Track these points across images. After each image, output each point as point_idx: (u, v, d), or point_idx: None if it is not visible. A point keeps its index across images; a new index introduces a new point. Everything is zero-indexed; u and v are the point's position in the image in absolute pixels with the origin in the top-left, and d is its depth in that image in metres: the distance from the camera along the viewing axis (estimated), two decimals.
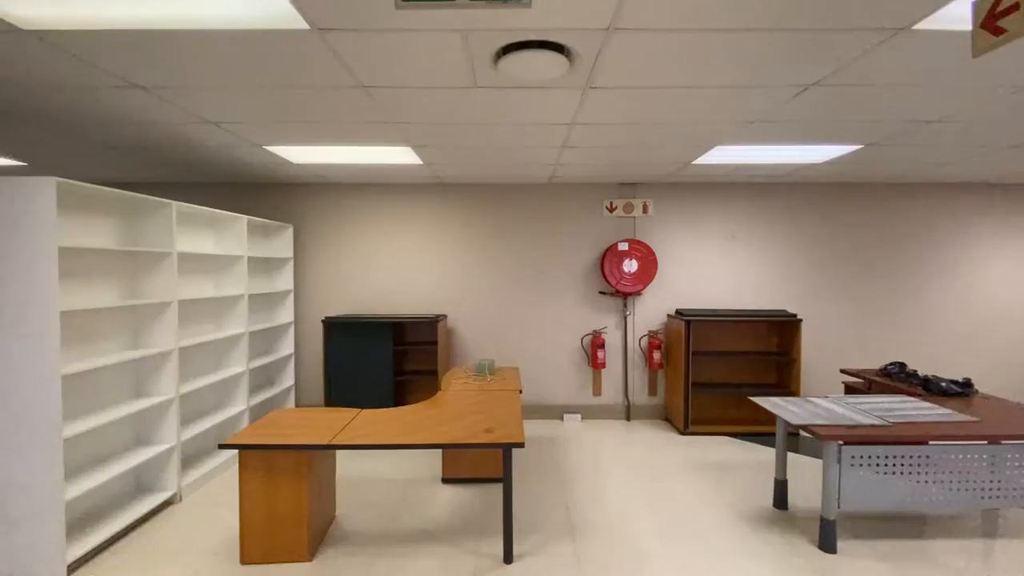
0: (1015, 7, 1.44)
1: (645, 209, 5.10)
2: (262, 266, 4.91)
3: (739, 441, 4.53)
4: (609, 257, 4.98)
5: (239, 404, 4.14)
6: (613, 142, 3.52)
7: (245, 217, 4.16)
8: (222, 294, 3.92)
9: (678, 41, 2.00)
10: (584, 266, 5.15)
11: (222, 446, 2.55)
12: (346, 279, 5.14)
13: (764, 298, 5.14)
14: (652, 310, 5.16)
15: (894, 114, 2.89)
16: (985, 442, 2.83)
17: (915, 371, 3.72)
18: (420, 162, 4.10)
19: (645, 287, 5.03)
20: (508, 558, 2.62)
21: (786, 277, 5.14)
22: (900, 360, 4.81)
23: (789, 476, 3.72)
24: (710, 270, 5.15)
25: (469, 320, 5.16)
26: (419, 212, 5.14)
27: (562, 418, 5.17)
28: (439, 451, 3.94)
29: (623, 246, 4.98)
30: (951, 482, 2.80)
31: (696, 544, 2.84)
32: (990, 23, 1.52)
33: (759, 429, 4.66)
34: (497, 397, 3.35)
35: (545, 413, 5.20)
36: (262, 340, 4.93)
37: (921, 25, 1.85)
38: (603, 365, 5.01)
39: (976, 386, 5.10)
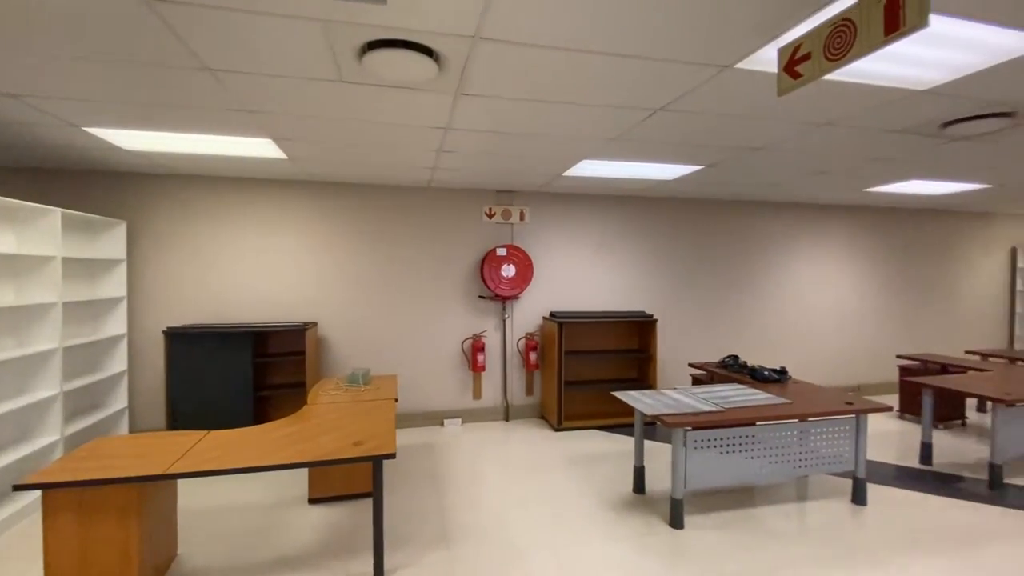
0: (808, 56, 1.74)
1: (522, 216, 5.28)
2: (84, 269, 4.15)
3: (606, 433, 4.87)
4: (488, 262, 5.05)
5: (50, 434, 3.45)
6: (488, 149, 3.58)
7: (58, 210, 3.48)
8: (25, 302, 3.23)
9: (543, 57, 2.09)
10: (464, 271, 5.17)
11: (17, 487, 2.09)
12: (195, 284, 4.56)
13: (627, 301, 5.61)
14: (529, 313, 5.35)
15: (726, 140, 3.34)
16: (796, 420, 3.38)
17: (745, 362, 4.33)
18: (283, 156, 3.79)
19: (523, 291, 5.20)
20: (379, 573, 2.50)
21: (645, 282, 5.66)
22: (735, 353, 5.57)
23: (647, 462, 4.08)
24: (582, 275, 5.49)
25: (343, 327, 4.88)
26: (287, 211, 4.75)
27: (442, 424, 5.12)
28: (306, 470, 3.66)
29: (502, 251, 5.09)
30: (772, 456, 3.29)
31: (565, 535, 2.98)
32: (790, 68, 1.81)
33: (624, 421, 5.07)
34: (370, 408, 3.21)
35: (425, 420, 5.10)
36: (84, 356, 4.16)
37: (742, 65, 2.15)
38: (483, 368, 5.07)
39: (790, 373, 6.10)
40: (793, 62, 1.78)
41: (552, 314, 5.10)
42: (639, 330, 5.45)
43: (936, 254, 6.84)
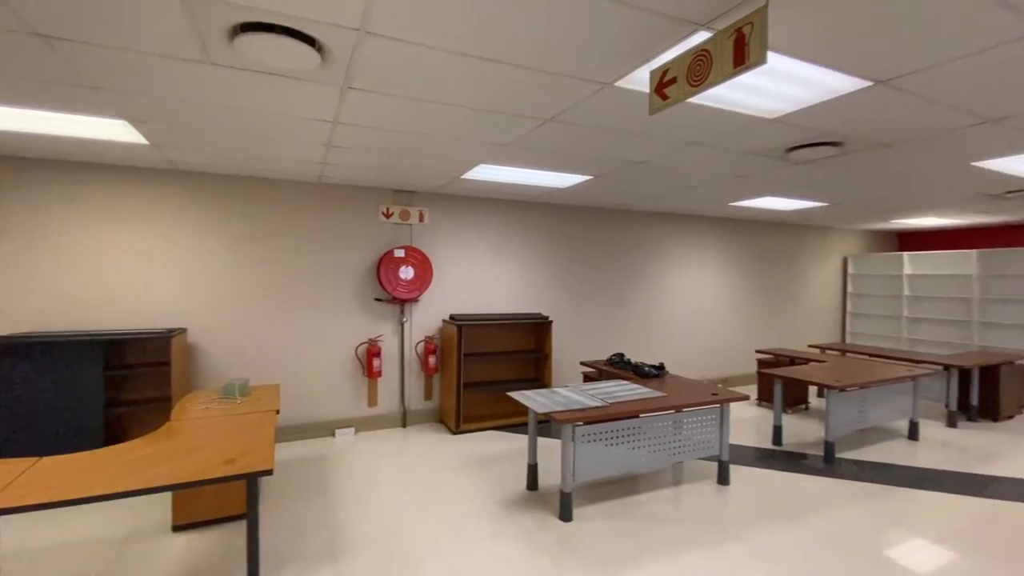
0: (674, 80, 1.90)
1: (421, 217, 5.19)
2: None
3: (505, 433, 4.95)
4: (385, 264, 4.90)
5: None
6: (382, 147, 3.48)
7: None
8: None
9: (432, 58, 2.08)
10: (359, 272, 4.96)
11: None
12: (28, 286, 3.86)
13: (525, 303, 5.76)
14: (428, 316, 5.27)
15: (611, 153, 3.56)
16: (672, 411, 3.69)
17: (630, 360, 4.65)
18: (144, 142, 3.36)
19: (421, 293, 5.11)
20: None
21: (542, 284, 5.86)
22: (621, 351, 5.96)
23: (543, 459, 4.22)
24: (481, 277, 5.53)
25: (219, 334, 4.44)
26: (152, 203, 4.20)
27: (334, 434, 4.86)
28: (170, 496, 3.26)
29: (399, 253, 4.96)
30: (652, 445, 3.56)
31: (458, 538, 2.97)
32: (660, 90, 1.97)
33: (522, 420, 5.19)
34: (246, 422, 2.94)
35: (315, 431, 4.81)
36: None
37: (621, 83, 2.31)
38: (379, 374, 4.89)
39: (668, 368, 6.66)
40: (662, 85, 1.95)
41: (452, 317, 5.07)
42: (536, 331, 5.62)
43: (786, 262, 7.89)
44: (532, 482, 3.64)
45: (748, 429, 5.24)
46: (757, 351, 6.23)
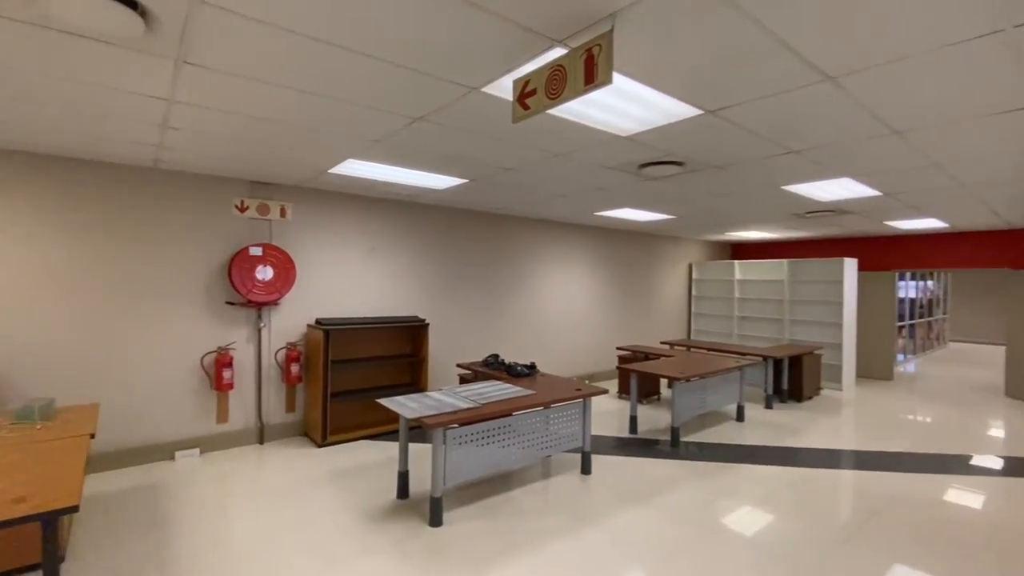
0: (534, 92, 1.97)
1: (283, 213, 4.78)
2: None
3: (376, 442, 4.76)
4: (239, 263, 4.42)
5: None
6: (232, 133, 3.13)
7: None
8: None
9: (283, 40, 1.92)
10: (207, 272, 4.41)
11: None
12: None
13: (400, 305, 5.61)
14: (291, 321, 4.87)
15: (484, 158, 3.62)
16: (541, 408, 3.84)
17: (504, 360, 4.76)
18: None
19: (282, 296, 4.70)
20: None
21: (418, 286, 5.75)
22: (496, 352, 6.11)
23: (416, 465, 4.13)
24: (352, 279, 5.26)
25: (23, 344, 3.63)
26: None
27: (174, 457, 4.25)
28: None
29: (256, 251, 4.51)
30: (523, 442, 3.68)
31: (320, 558, 2.78)
32: (522, 100, 2.03)
33: (395, 428, 5.03)
34: (47, 450, 2.44)
35: (150, 455, 4.16)
36: None
37: (487, 89, 2.35)
38: (230, 386, 4.39)
39: (540, 367, 6.96)
40: (524, 95, 2.02)
41: (318, 321, 4.74)
42: (411, 334, 5.50)
43: (643, 267, 8.73)
44: (403, 490, 3.54)
45: (610, 420, 5.67)
46: (618, 348, 6.79)
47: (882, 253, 8.53)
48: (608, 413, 6.01)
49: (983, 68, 2.05)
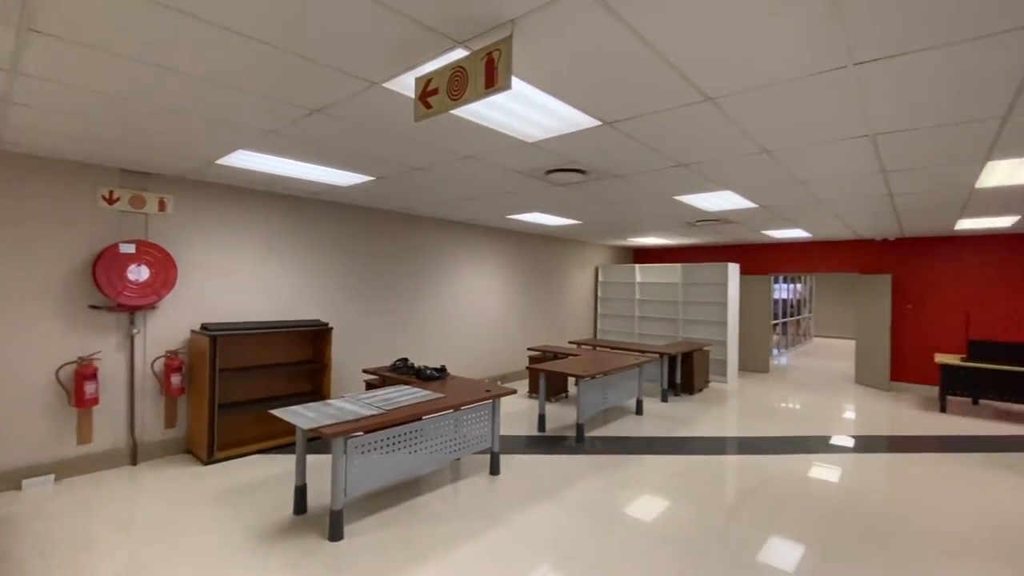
0: (436, 91, 1.95)
1: (162, 206, 4.30)
2: None
3: (273, 456, 4.43)
4: (106, 261, 3.90)
5: None
6: (94, 113, 2.76)
7: None
8: None
9: (152, 13, 1.72)
10: (66, 272, 3.84)
11: None
12: None
13: (301, 308, 5.28)
14: (172, 327, 4.38)
15: (390, 155, 3.52)
16: (452, 411, 3.81)
17: (413, 364, 4.66)
18: None
19: (160, 299, 4.22)
20: None
21: (321, 288, 5.46)
22: (406, 356, 5.96)
23: (316, 478, 3.90)
24: (247, 281, 4.86)
25: None
26: None
27: (20, 487, 3.64)
28: None
29: (128, 248, 4.01)
30: (432, 447, 3.62)
31: None
32: (424, 98, 2.00)
33: (293, 440, 4.71)
34: None
35: None
36: None
37: (389, 85, 2.28)
38: (94, 401, 3.86)
39: (451, 370, 6.92)
40: (426, 94, 1.99)
41: (204, 327, 4.32)
42: (313, 339, 5.19)
43: (553, 270, 9.01)
44: (300, 505, 3.33)
45: (521, 419, 5.77)
46: (528, 348, 6.93)
47: (760, 259, 9.54)
48: (520, 412, 6.11)
49: (830, 98, 2.37)
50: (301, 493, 3.32)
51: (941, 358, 6.53)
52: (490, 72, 1.73)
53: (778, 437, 5.30)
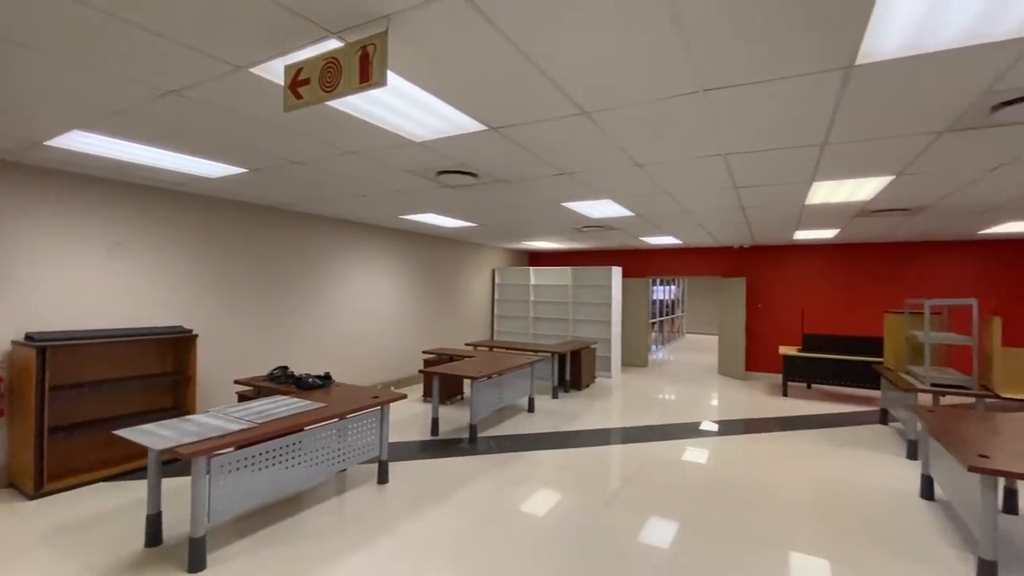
0: (308, 82, 1.84)
1: None
2: None
3: (121, 483, 3.87)
4: None
5: None
6: None
7: None
8: None
9: None
10: None
11: None
12: None
13: (159, 313, 4.67)
14: None
15: (263, 146, 3.26)
16: (336, 420, 3.62)
17: (293, 372, 4.35)
18: None
19: None
20: None
21: (186, 291, 4.88)
22: (285, 364, 5.55)
23: (177, 504, 3.48)
24: (90, 283, 4.18)
25: None
26: None
27: None
28: None
29: None
30: (313, 459, 3.40)
31: None
32: (294, 88, 1.88)
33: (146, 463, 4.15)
34: None
35: None
36: None
37: (256, 70, 2.11)
38: None
39: (340, 377, 6.59)
40: (296, 83, 1.87)
41: (29, 336, 3.65)
42: (175, 348, 4.63)
43: (450, 272, 8.98)
44: (154, 536, 2.94)
45: (414, 425, 5.66)
46: (423, 352, 6.82)
47: (639, 263, 10.35)
48: (414, 417, 5.99)
49: (689, 119, 2.64)
50: (155, 522, 2.94)
51: (783, 350, 7.59)
52: (365, 66, 1.67)
53: (655, 426, 5.78)
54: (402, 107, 2.53)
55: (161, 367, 4.55)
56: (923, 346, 5.14)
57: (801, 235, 7.31)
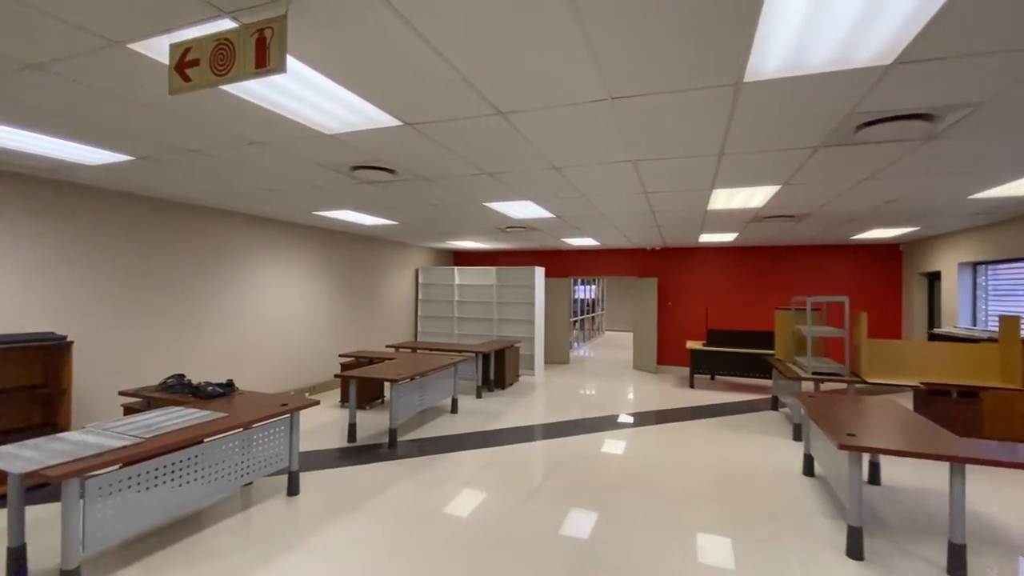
0: (197, 63, 1.69)
1: None
2: None
3: None
4: None
5: None
6: None
7: None
8: None
9: None
10: None
11: None
12: None
13: (30, 320, 4.08)
14: None
15: (149, 131, 2.95)
16: (241, 430, 3.36)
17: (191, 381, 3.99)
18: None
19: None
20: None
21: (59, 292, 4.30)
22: (181, 372, 5.08)
23: (47, 533, 3.05)
24: None
25: None
26: None
27: None
28: None
29: None
30: (212, 474, 3.14)
31: None
32: (182, 69, 1.72)
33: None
34: None
35: None
36: None
37: (137, 47, 1.90)
38: None
39: (248, 385, 6.16)
40: (184, 64, 1.71)
41: None
42: (44, 357, 4.06)
43: (371, 272, 8.69)
44: (17, 573, 2.56)
45: (331, 432, 5.40)
46: (340, 355, 6.54)
47: (561, 263, 10.65)
48: (331, 424, 5.72)
49: (600, 126, 2.75)
50: (17, 556, 2.56)
51: (690, 344, 8.14)
52: (261, 51, 1.57)
53: (575, 420, 5.97)
54: (310, 97, 2.41)
55: (27, 379, 3.98)
56: (806, 339, 5.73)
57: (705, 238, 7.88)
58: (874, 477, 4.11)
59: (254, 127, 2.83)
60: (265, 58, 1.56)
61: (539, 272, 9.16)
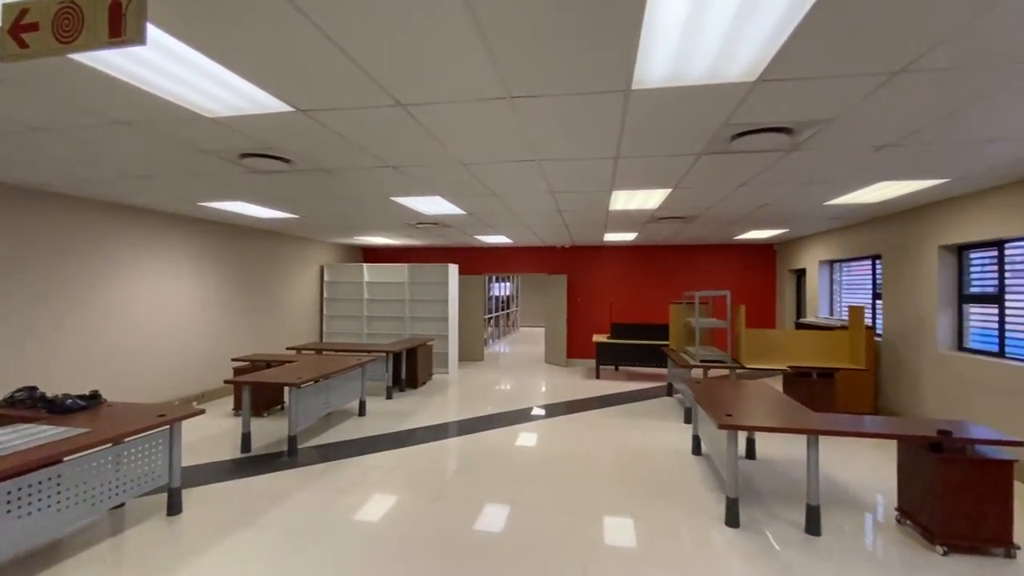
0: (36, 27, 1.46)
1: None
2: None
3: None
4: None
5: None
6: None
7: None
8: None
9: None
10: None
11: None
12: None
13: None
14: None
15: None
16: (109, 446, 2.98)
17: (44, 394, 3.46)
18: None
19: None
20: None
21: None
22: (34, 384, 4.39)
23: None
24: None
25: None
26: None
27: None
28: None
29: None
30: (74, 497, 2.76)
31: None
32: (16, 33, 1.48)
33: None
34: None
35: None
36: None
37: None
38: None
39: (128, 394, 5.49)
40: (19, 27, 1.47)
41: None
42: None
43: (268, 269, 8.10)
44: None
45: (222, 443, 4.97)
46: (233, 359, 6.04)
47: (475, 260, 10.67)
48: (224, 434, 5.26)
49: (502, 123, 2.78)
50: None
51: (596, 338, 8.55)
52: (116, 18, 1.39)
53: (487, 416, 6.02)
54: (186, 75, 2.19)
55: None
56: (695, 330, 6.27)
57: (609, 237, 8.31)
58: (751, 452, 4.59)
59: (116, 105, 2.51)
60: (120, 27, 1.38)
61: (453, 269, 9.10)
